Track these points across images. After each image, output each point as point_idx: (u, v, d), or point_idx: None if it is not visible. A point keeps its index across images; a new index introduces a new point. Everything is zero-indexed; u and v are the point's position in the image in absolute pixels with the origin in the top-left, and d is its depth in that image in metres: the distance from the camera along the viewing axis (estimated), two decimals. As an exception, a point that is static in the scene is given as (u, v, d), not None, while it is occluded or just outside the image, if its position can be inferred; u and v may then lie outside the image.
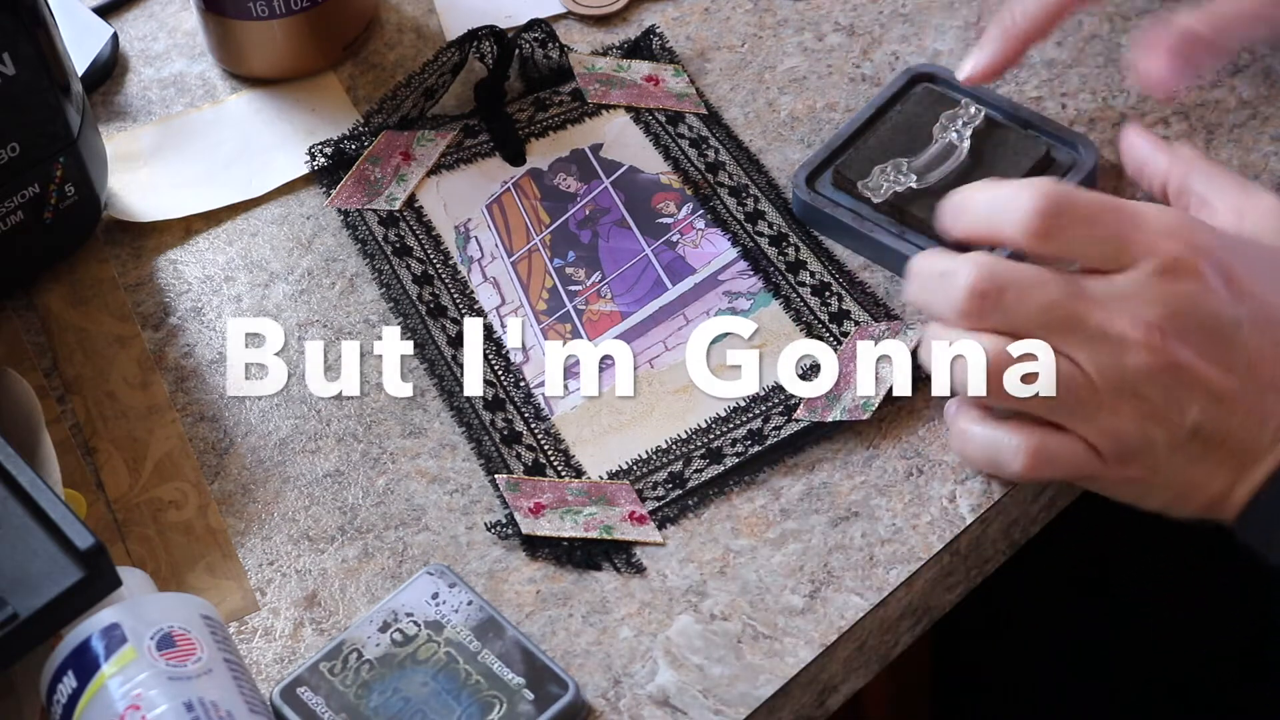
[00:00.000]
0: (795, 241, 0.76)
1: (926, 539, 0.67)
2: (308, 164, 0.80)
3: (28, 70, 0.70)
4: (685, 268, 0.76)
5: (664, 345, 0.73)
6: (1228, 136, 0.78)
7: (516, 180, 0.79)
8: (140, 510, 0.70)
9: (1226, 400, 0.63)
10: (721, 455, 0.70)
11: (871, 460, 0.69)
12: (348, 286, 0.76)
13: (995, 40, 0.76)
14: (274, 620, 0.67)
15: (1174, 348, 0.63)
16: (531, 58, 0.82)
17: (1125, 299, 0.63)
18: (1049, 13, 0.75)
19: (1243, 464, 0.64)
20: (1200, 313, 0.63)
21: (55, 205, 0.74)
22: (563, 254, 0.77)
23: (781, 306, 0.74)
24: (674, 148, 0.80)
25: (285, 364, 0.71)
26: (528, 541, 0.68)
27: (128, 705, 0.57)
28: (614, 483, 0.69)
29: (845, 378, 0.71)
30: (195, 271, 0.77)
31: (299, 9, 0.81)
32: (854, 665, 0.67)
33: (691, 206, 0.78)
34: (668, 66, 0.83)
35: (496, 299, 0.75)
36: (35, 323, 0.76)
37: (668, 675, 0.64)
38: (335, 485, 0.70)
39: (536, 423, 0.71)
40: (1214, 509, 0.65)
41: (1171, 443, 0.64)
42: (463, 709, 0.63)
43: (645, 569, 0.67)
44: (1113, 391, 0.63)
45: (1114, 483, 0.66)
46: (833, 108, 0.81)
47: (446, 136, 0.81)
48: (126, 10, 0.88)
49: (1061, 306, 0.63)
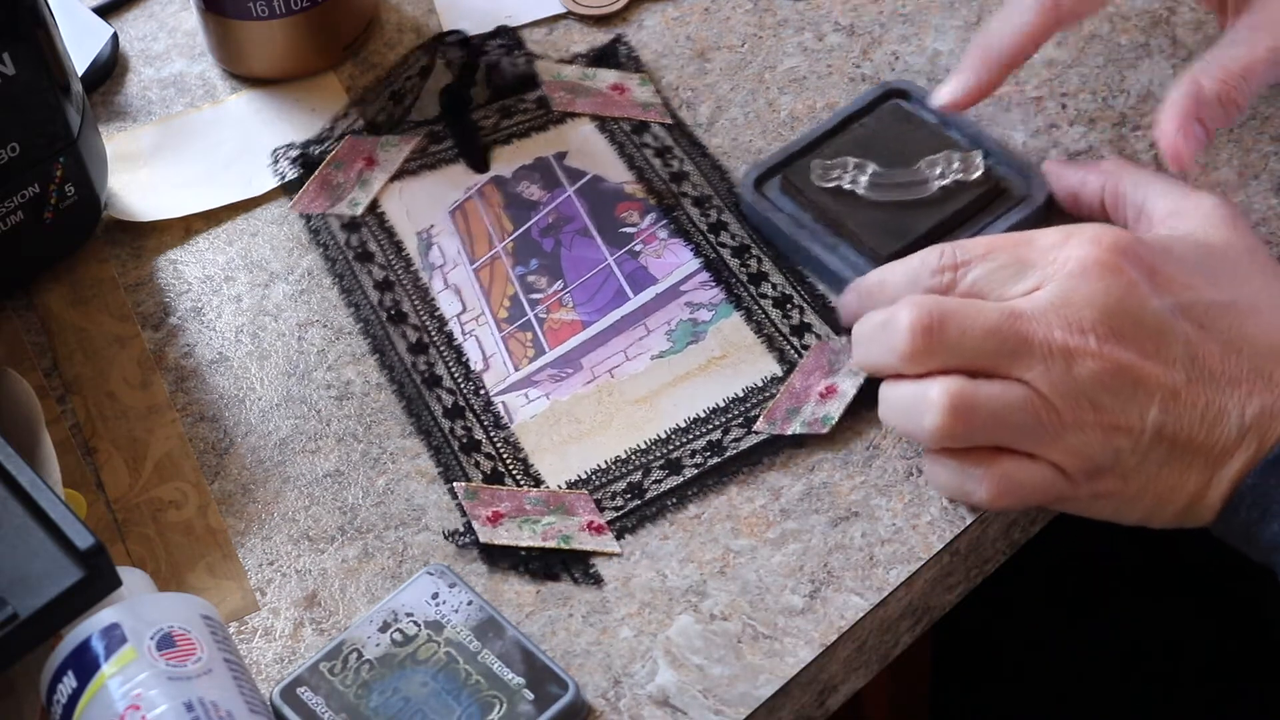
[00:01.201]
0: (758, 253, 0.76)
1: (926, 539, 0.67)
2: (270, 167, 0.80)
3: (28, 70, 0.70)
4: (647, 278, 0.76)
5: (624, 355, 0.73)
6: (1228, 137, 0.78)
7: (480, 187, 0.79)
8: (140, 510, 0.70)
9: (1180, 396, 0.63)
10: (680, 466, 0.70)
11: (871, 460, 0.69)
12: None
13: (973, 67, 0.74)
14: (274, 620, 0.67)
15: (1113, 349, 0.63)
16: (498, 65, 0.82)
17: (1056, 309, 0.63)
18: (1030, 39, 0.73)
19: (1212, 461, 0.64)
20: (1130, 308, 0.63)
21: (55, 205, 0.74)
22: (525, 262, 0.76)
23: (743, 318, 0.74)
24: (638, 157, 0.80)
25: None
26: (485, 550, 0.67)
27: (128, 705, 0.57)
28: (573, 492, 0.69)
29: (806, 391, 0.71)
30: (195, 271, 0.77)
31: (299, 9, 0.81)
32: (854, 665, 0.67)
33: (655, 216, 0.77)
34: (634, 75, 0.82)
35: (458, 306, 0.75)
36: (35, 323, 0.76)
37: (668, 675, 0.64)
38: (335, 485, 0.70)
39: (496, 431, 0.71)
40: (1191, 512, 0.65)
41: (1136, 448, 0.64)
42: (463, 709, 0.63)
43: (603, 580, 0.67)
44: (1071, 407, 0.63)
45: (1086, 501, 0.66)
46: (832, 108, 0.81)
47: (411, 142, 0.80)
48: (126, 10, 0.88)
49: (1003, 328, 0.63)
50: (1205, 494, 0.64)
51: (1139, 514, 0.66)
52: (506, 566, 0.67)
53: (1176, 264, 0.65)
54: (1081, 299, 0.63)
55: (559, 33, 0.85)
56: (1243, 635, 0.92)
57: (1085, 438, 0.63)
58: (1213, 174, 0.77)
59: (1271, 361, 0.64)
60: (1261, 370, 0.64)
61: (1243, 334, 0.64)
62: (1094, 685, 0.94)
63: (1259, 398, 0.63)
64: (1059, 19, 0.73)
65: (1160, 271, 0.65)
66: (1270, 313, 0.65)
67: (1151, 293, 0.64)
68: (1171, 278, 0.65)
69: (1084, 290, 0.64)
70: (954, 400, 0.63)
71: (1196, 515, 0.65)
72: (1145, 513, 0.66)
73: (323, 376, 0.73)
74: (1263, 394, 0.63)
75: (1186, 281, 0.65)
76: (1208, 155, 0.77)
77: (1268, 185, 0.76)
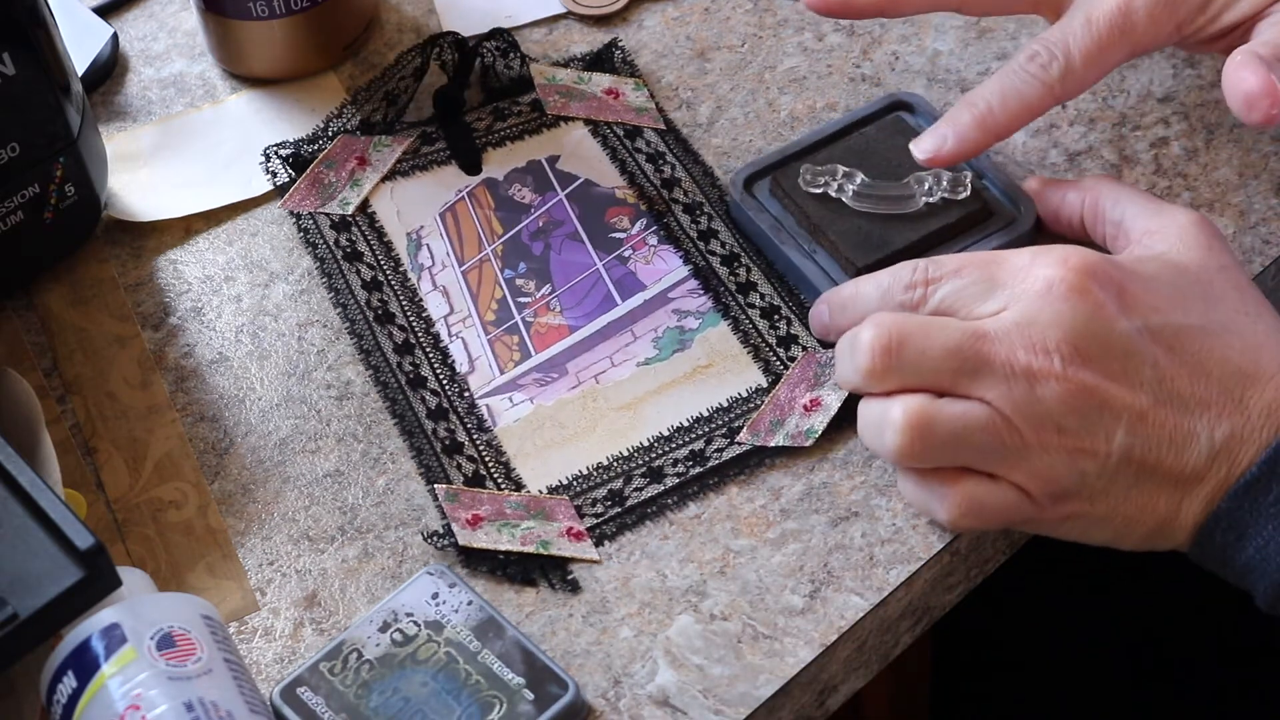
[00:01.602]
0: (747, 262, 0.75)
1: (926, 539, 0.67)
2: (262, 166, 0.80)
3: (28, 70, 0.70)
4: (635, 284, 0.75)
5: (610, 361, 0.73)
6: (1228, 136, 0.78)
7: (471, 189, 0.79)
8: (140, 510, 0.70)
9: (1147, 419, 0.63)
10: (662, 474, 0.69)
11: (871, 460, 0.69)
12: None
13: (968, 129, 0.71)
14: (274, 620, 0.67)
15: (1077, 372, 0.63)
16: (492, 67, 0.82)
17: (1020, 329, 0.63)
18: (1031, 114, 0.71)
19: (1181, 485, 0.63)
20: (1096, 330, 0.63)
21: (55, 205, 0.74)
22: (514, 265, 0.76)
23: (730, 327, 0.74)
24: (631, 162, 0.79)
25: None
26: (464, 553, 0.67)
27: (128, 705, 0.57)
28: (553, 497, 0.69)
29: (790, 403, 0.71)
30: (195, 271, 0.77)
31: (299, 9, 0.81)
32: (854, 665, 0.67)
33: (645, 222, 0.77)
34: (628, 80, 0.82)
35: (445, 308, 0.75)
36: (35, 323, 0.76)
37: (668, 675, 0.64)
38: (335, 485, 0.70)
39: (479, 434, 0.71)
40: (1161, 536, 0.65)
41: (1103, 472, 0.63)
42: (463, 709, 0.63)
43: (580, 587, 0.67)
44: (1034, 429, 0.63)
45: (1052, 523, 0.65)
46: (833, 108, 0.81)
47: (403, 143, 0.80)
48: (126, 10, 0.88)
49: (964, 348, 0.63)
50: (1175, 517, 0.64)
51: (1106, 536, 0.66)
52: (484, 570, 0.67)
53: (1146, 286, 0.65)
54: (1046, 320, 0.63)
55: (558, 33, 0.85)
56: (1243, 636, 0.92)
57: (1050, 460, 0.63)
58: (1213, 174, 0.77)
59: (1242, 385, 0.63)
60: (1231, 393, 0.63)
61: (1212, 357, 0.64)
62: (1094, 685, 0.94)
63: (1228, 421, 0.63)
64: (1057, 100, 0.70)
65: (1129, 293, 0.64)
66: (1241, 336, 0.65)
67: (1120, 314, 0.64)
68: (1141, 300, 0.64)
69: (1049, 311, 0.63)
70: (912, 419, 0.63)
71: (1166, 539, 0.65)
72: (1113, 535, 0.65)
73: (323, 376, 0.73)
74: (1232, 417, 0.63)
75: (1156, 304, 0.64)
76: (1208, 155, 0.77)
77: (1268, 185, 0.76)
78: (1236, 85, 0.67)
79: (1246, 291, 0.66)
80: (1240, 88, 0.67)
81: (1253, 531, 0.63)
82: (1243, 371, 0.64)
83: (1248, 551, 0.63)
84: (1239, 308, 0.66)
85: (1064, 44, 0.70)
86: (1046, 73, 0.70)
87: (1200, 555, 0.65)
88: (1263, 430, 0.63)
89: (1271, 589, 0.63)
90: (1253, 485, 0.62)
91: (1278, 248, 0.75)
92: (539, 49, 0.84)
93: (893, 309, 0.66)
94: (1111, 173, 0.77)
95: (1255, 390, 0.63)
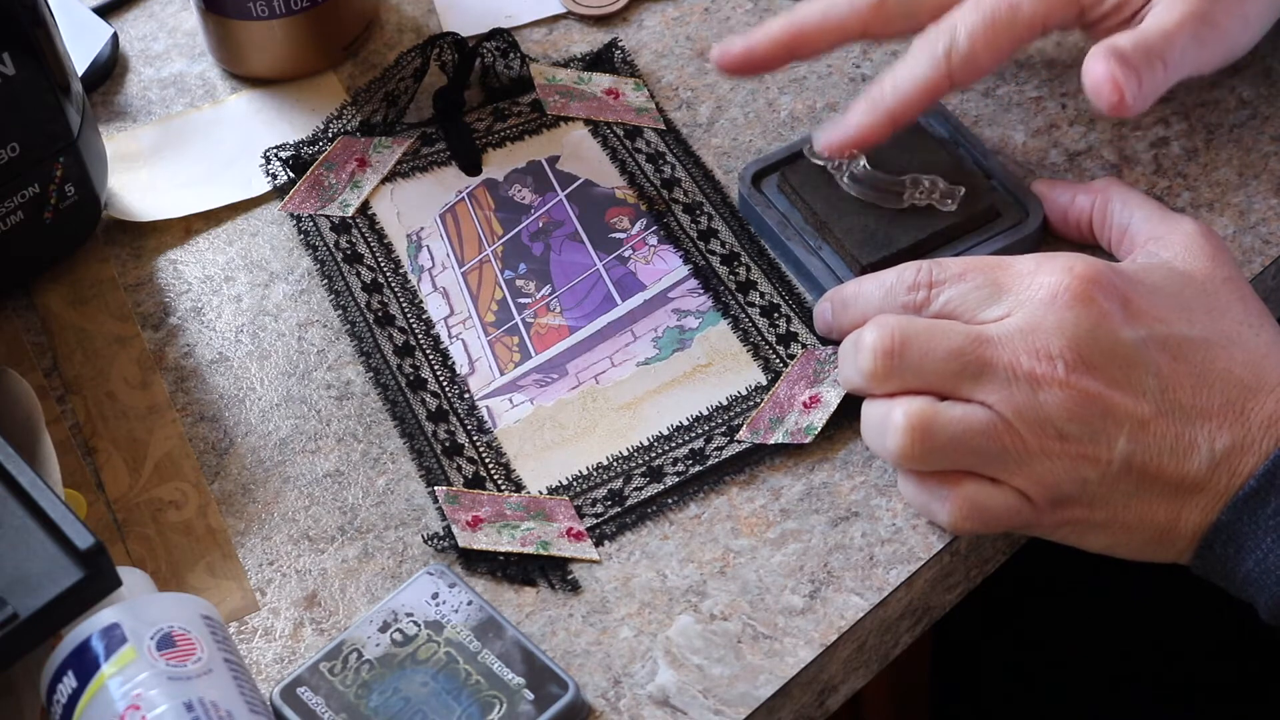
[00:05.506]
0: (747, 261, 0.75)
1: (926, 539, 0.67)
2: (262, 168, 0.80)
3: (28, 70, 0.70)
4: (635, 284, 0.75)
5: (610, 361, 0.73)
6: (1228, 136, 0.78)
7: (471, 190, 0.79)
8: (140, 510, 0.70)
9: (1149, 427, 0.63)
10: (662, 474, 0.69)
11: (871, 460, 0.69)
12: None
13: (861, 113, 0.71)
14: (274, 620, 0.67)
15: (1080, 379, 0.63)
16: (492, 67, 0.82)
17: (1023, 335, 0.63)
18: (923, 93, 0.71)
19: (1181, 494, 0.64)
20: (1100, 338, 0.63)
21: (55, 205, 0.74)
22: (514, 266, 0.76)
23: (730, 326, 0.74)
24: (630, 162, 0.79)
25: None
26: (464, 555, 0.67)
27: (128, 705, 0.57)
28: (553, 498, 0.69)
29: (790, 400, 0.71)
30: (195, 271, 0.77)
31: (299, 9, 0.81)
32: (854, 665, 0.67)
33: (645, 222, 0.77)
34: (628, 80, 0.82)
35: (445, 309, 0.75)
36: (35, 323, 0.76)
37: (668, 675, 0.64)
38: (335, 485, 0.70)
39: (479, 435, 0.71)
40: (1161, 545, 0.65)
41: (1104, 478, 0.63)
42: (463, 709, 0.63)
43: (580, 587, 0.67)
44: (1036, 434, 0.63)
45: (1051, 528, 0.66)
46: (833, 108, 0.81)
47: (403, 144, 0.80)
48: (126, 10, 0.88)
49: (966, 352, 0.64)
50: (1174, 526, 0.64)
51: (1104, 543, 0.66)
52: (484, 570, 0.67)
53: (1151, 295, 0.65)
54: (1050, 326, 0.63)
55: (558, 33, 0.85)
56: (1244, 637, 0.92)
57: (1051, 466, 0.63)
58: (1213, 174, 0.77)
59: (1243, 396, 0.64)
60: (1234, 404, 0.63)
61: (1215, 367, 0.64)
62: (1094, 685, 0.94)
63: (1230, 431, 0.63)
64: (951, 78, 0.70)
65: (1134, 302, 0.64)
66: (1243, 348, 0.65)
67: (1124, 323, 0.64)
68: (1145, 309, 0.64)
69: (1053, 318, 0.63)
70: (913, 420, 0.63)
71: (1166, 549, 0.65)
72: (1111, 542, 0.66)
73: (323, 376, 0.73)
74: (1234, 428, 0.63)
75: (1160, 314, 0.65)
76: (1208, 155, 0.77)
77: (1268, 185, 0.76)
78: (1085, 74, 0.68)
79: (1250, 303, 0.67)
80: (1086, 79, 0.68)
81: (1251, 544, 0.63)
82: (1244, 383, 0.64)
83: (1247, 564, 0.63)
84: (1242, 319, 0.66)
85: (951, 22, 0.71)
86: (934, 49, 0.70)
87: (1202, 568, 0.65)
88: (1263, 441, 0.63)
89: (1272, 602, 0.63)
90: (1252, 497, 0.62)
91: (1278, 248, 0.75)
92: (539, 49, 0.84)
93: (895, 309, 0.67)
94: (1111, 173, 0.77)
95: (1256, 401, 0.63)
